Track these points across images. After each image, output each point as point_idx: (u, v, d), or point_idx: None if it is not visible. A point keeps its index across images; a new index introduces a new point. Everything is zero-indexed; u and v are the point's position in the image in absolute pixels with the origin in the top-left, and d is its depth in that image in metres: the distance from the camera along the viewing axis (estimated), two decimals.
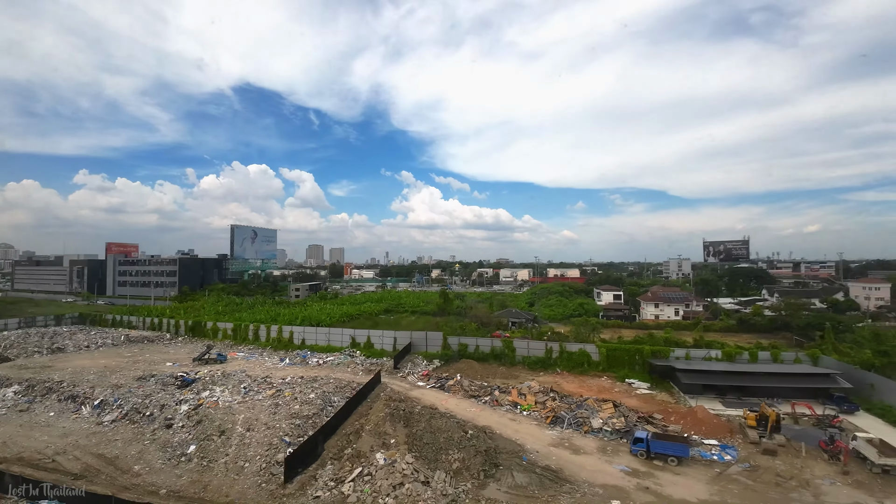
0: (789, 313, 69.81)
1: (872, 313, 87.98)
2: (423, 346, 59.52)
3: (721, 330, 78.01)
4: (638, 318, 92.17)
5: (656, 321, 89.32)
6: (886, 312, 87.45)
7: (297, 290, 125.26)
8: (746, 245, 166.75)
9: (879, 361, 48.94)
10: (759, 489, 26.13)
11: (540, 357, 54.66)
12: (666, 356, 51.41)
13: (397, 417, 33.15)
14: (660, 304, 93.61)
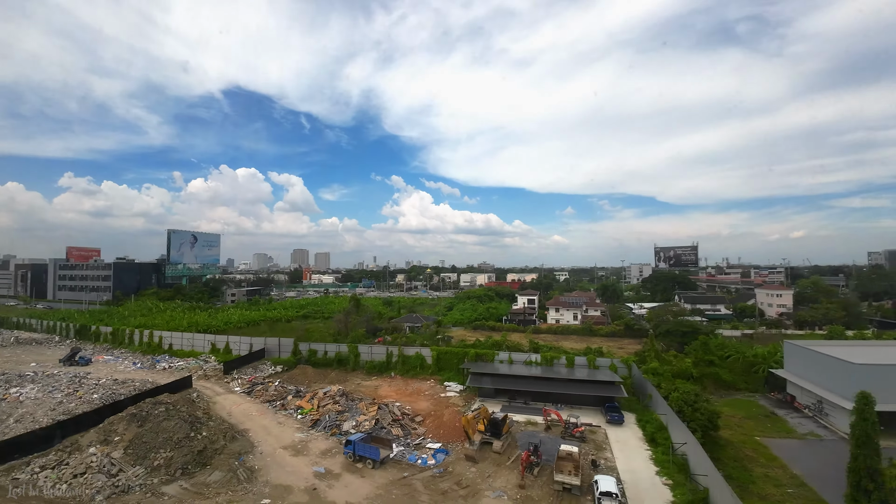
0: (652, 321, 70.78)
1: (771, 320, 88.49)
2: (277, 352, 60.92)
3: (607, 334, 79.03)
4: (537, 322, 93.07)
5: (556, 325, 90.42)
6: (785, 319, 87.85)
7: (233, 295, 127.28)
8: (695, 251, 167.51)
9: (697, 371, 49.90)
10: (420, 495, 26.79)
11: (381, 361, 55.92)
12: (491, 360, 52.51)
13: (137, 417, 34.57)
14: (560, 308, 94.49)
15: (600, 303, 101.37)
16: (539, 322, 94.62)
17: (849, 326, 77.41)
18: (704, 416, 32.41)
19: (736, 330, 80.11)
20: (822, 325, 79.88)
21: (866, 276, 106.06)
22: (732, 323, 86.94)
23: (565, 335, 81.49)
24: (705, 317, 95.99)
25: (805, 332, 79.13)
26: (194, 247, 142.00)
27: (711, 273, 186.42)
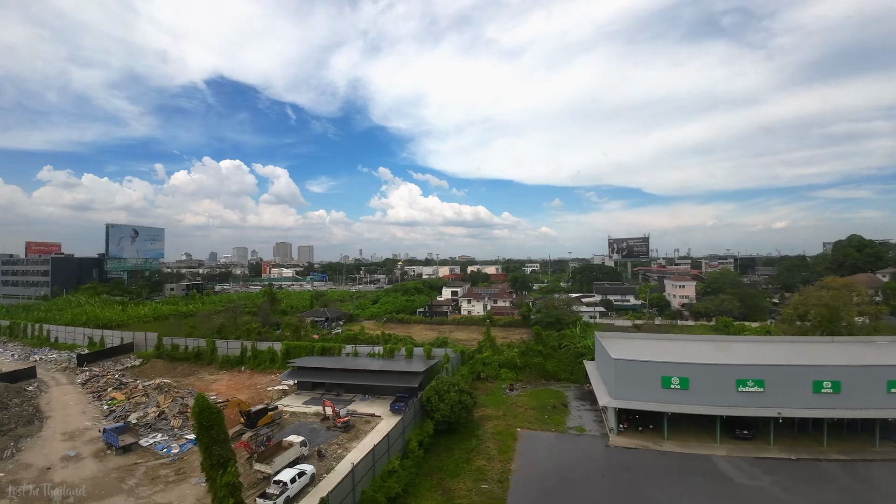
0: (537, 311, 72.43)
1: (674, 311, 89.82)
2: (144, 346, 62.75)
3: (504, 325, 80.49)
4: (449, 314, 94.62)
5: (465, 316, 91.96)
6: (684, 310, 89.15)
7: (171, 289, 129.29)
8: (646, 242, 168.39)
9: (522, 361, 51.52)
10: (131, 479, 28.51)
11: (236, 356, 57.66)
12: (337, 353, 54.19)
13: None
14: (472, 300, 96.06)
15: (510, 293, 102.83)
16: (453, 314, 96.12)
17: (746, 318, 79.00)
18: (447, 405, 33.93)
19: (628, 321, 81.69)
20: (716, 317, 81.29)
21: (789, 267, 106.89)
22: (630, 314, 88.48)
23: (465, 325, 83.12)
24: (614, 307, 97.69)
25: (695, 324, 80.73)
26: (135, 241, 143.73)
27: (662, 264, 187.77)
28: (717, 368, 32.95)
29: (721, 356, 37.04)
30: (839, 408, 30.88)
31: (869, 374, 30.96)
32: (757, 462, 29.68)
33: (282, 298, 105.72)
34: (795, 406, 31.37)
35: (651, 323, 79.37)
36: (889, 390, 30.27)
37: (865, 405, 30.55)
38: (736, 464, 29.47)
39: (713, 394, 32.59)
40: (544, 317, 68.00)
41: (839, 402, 30.92)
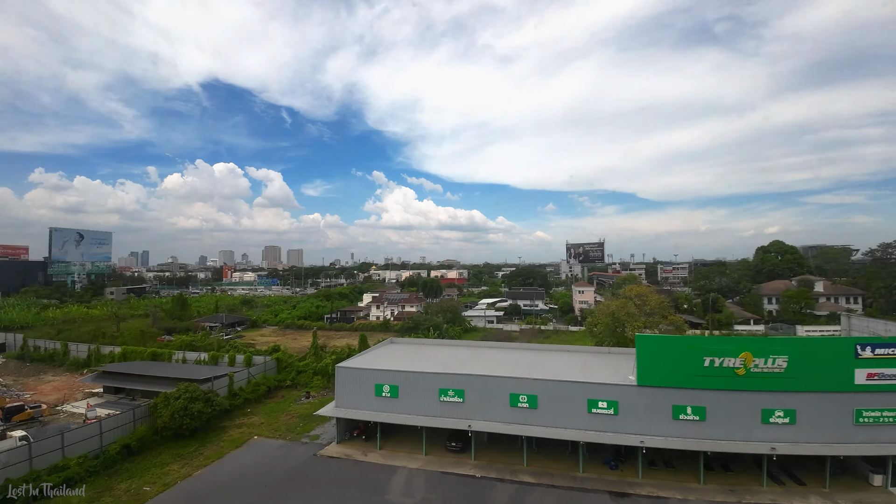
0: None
1: (574, 316, 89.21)
2: (14, 346, 65.15)
3: (399, 329, 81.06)
4: (354, 319, 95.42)
5: (372, 321, 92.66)
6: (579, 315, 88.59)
7: (111, 293, 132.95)
8: (602, 247, 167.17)
9: (333, 369, 52.00)
10: None
11: (84, 359, 59.50)
12: (167, 359, 55.63)
13: None
14: (380, 305, 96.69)
15: (422, 299, 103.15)
16: (362, 319, 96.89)
17: None
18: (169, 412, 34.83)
19: (516, 326, 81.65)
20: None
21: (703, 273, 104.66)
22: (530, 318, 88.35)
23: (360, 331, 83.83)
24: (522, 311, 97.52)
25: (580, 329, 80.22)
26: (80, 245, 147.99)
27: (617, 269, 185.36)
28: (422, 377, 33.01)
29: (463, 366, 36.52)
30: (536, 424, 30.27)
31: (568, 389, 30.06)
32: (441, 477, 29.52)
33: (192, 303, 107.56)
34: (493, 419, 31.20)
35: (535, 328, 79.15)
36: (590, 410, 29.38)
37: (564, 424, 29.75)
38: (418, 477, 29.45)
39: (419, 403, 32.71)
40: (405, 323, 68.30)
41: (536, 418, 30.46)
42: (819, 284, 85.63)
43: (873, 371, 25.87)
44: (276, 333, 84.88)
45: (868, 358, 25.90)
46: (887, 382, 25.88)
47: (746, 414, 27.23)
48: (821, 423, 26.55)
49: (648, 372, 28.59)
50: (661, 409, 28.32)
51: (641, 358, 28.75)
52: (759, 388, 27.05)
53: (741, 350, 27.30)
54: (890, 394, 25.97)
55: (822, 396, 26.50)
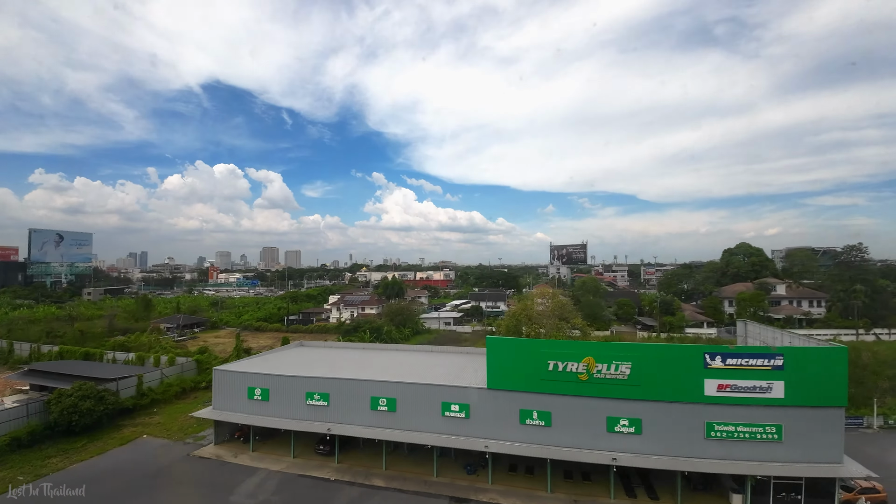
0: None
1: None
2: None
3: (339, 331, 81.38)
4: (314, 321, 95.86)
5: (332, 323, 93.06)
6: None
7: (89, 293, 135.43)
8: (584, 249, 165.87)
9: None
10: None
11: (26, 357, 60.75)
12: (99, 358, 56.68)
13: None
14: (341, 307, 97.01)
15: (381, 300, 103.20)
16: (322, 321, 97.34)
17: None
18: (59, 409, 35.53)
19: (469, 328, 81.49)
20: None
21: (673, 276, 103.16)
22: (488, 320, 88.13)
23: (314, 333, 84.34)
24: (484, 313, 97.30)
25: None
26: (60, 246, 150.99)
27: (599, 271, 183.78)
28: (290, 380, 33.02)
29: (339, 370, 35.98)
30: (395, 427, 30.11)
31: (424, 392, 29.88)
32: (296, 479, 29.47)
33: (157, 304, 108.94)
34: (355, 423, 31.16)
35: (486, 329, 78.94)
36: (443, 413, 29.16)
37: (420, 427, 29.59)
38: (273, 479, 29.49)
39: (288, 406, 32.74)
40: (345, 326, 68.43)
41: (395, 421, 30.29)
42: (781, 287, 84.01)
43: (725, 382, 24.93)
44: (231, 335, 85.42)
45: (717, 368, 24.94)
46: (740, 395, 24.52)
47: (592, 421, 26.72)
48: (669, 435, 25.59)
49: (498, 375, 28.34)
50: (509, 413, 28.03)
51: (491, 361, 28.50)
52: (603, 394, 26.54)
53: (584, 355, 26.88)
54: (745, 407, 24.51)
55: (670, 406, 25.59)
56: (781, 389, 24.21)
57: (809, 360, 24.26)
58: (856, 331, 68.97)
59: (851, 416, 37.85)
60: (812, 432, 24.02)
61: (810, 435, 24.03)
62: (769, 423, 24.35)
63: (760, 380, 24.46)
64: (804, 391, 23.99)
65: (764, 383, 24.42)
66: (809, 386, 23.97)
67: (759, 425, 24.46)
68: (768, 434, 24.33)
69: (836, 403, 23.90)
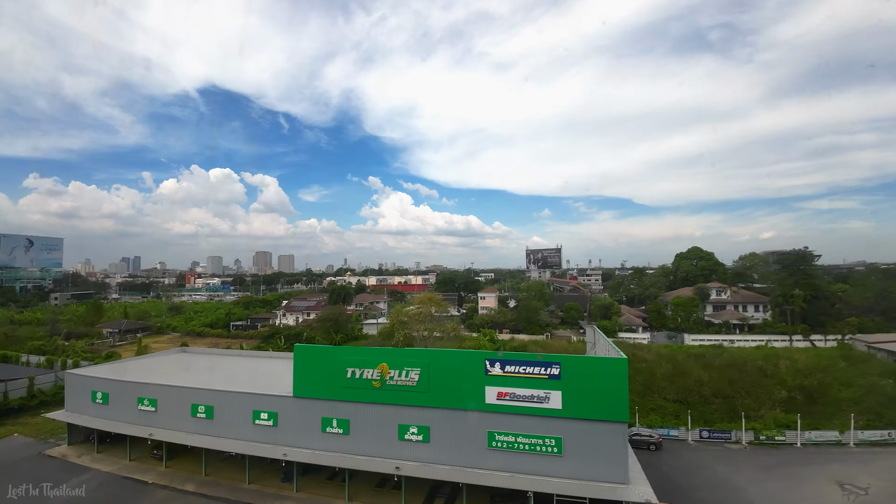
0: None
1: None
2: None
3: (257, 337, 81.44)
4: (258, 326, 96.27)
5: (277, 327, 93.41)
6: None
7: (56, 298, 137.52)
8: (559, 253, 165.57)
9: None
10: None
11: None
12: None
13: None
14: (287, 313, 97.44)
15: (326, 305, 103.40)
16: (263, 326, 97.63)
17: (524, 330, 78.33)
18: None
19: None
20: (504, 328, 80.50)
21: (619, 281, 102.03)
22: None
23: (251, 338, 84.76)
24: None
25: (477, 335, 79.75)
26: (30, 251, 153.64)
27: (573, 275, 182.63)
28: (125, 385, 33.53)
29: (189, 378, 36.24)
30: (213, 435, 30.28)
31: (237, 400, 30.00)
32: (117, 480, 29.99)
33: (109, 309, 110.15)
34: (178, 429, 31.31)
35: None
36: (254, 421, 29.24)
37: (234, 435, 29.75)
38: (96, 479, 29.97)
39: (123, 411, 33.14)
40: (263, 332, 68.65)
41: (213, 428, 30.46)
42: (726, 292, 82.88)
43: (504, 390, 24.68)
44: (172, 340, 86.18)
45: (497, 375, 24.72)
46: (520, 404, 24.17)
47: (384, 429, 26.62)
48: (455, 444, 25.38)
49: (302, 383, 28.38)
50: (312, 421, 28.02)
51: (297, 369, 28.54)
52: (395, 401, 26.46)
53: (379, 361, 26.85)
54: (525, 417, 24.15)
55: (455, 414, 25.41)
56: (559, 400, 23.82)
57: (588, 371, 23.81)
58: (789, 337, 67.77)
59: (719, 429, 37.04)
60: (594, 448, 23.36)
61: (593, 451, 23.37)
62: (549, 435, 23.94)
63: (538, 389, 24.18)
64: (583, 403, 23.42)
65: (541, 392, 24.13)
66: (589, 398, 23.37)
67: (538, 437, 24.11)
68: (548, 447, 23.93)
69: (617, 418, 23.08)
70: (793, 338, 67.95)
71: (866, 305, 73.48)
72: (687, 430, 36.89)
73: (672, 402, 42.42)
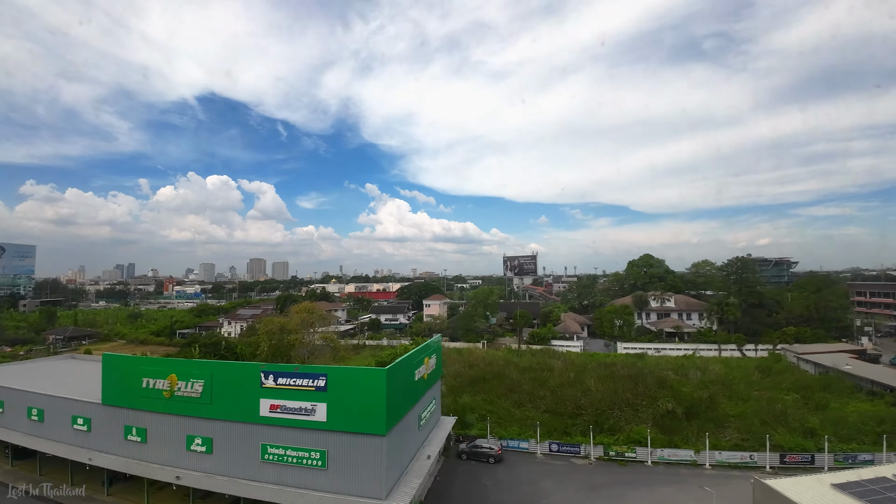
0: None
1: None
2: None
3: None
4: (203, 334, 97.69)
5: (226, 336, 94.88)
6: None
7: (24, 305, 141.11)
8: (534, 260, 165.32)
9: None
10: None
11: None
12: None
13: None
14: (233, 322, 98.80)
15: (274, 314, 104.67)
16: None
17: (459, 338, 78.82)
18: None
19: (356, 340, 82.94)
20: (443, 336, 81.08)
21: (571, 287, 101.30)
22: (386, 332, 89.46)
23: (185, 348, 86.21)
24: (381, 325, 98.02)
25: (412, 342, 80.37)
26: (2, 258, 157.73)
27: (549, 282, 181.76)
28: None
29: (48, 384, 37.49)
30: (41, 437, 31.77)
31: (58, 405, 31.39)
32: None
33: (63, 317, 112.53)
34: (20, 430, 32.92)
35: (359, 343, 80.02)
36: (72, 425, 30.50)
37: (58, 438, 31.17)
38: None
39: None
40: (183, 341, 69.90)
41: (44, 430, 31.89)
42: (658, 300, 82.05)
43: (276, 402, 25.20)
44: (117, 348, 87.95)
45: (270, 388, 25.29)
46: (290, 417, 24.69)
47: (175, 438, 27.45)
48: (234, 456, 26.04)
49: (110, 391, 29.42)
50: (117, 428, 29.14)
51: (106, 377, 29.56)
52: (183, 412, 27.25)
53: (169, 372, 27.64)
54: (295, 430, 24.64)
55: (234, 426, 26.06)
56: (324, 412, 24.28)
57: (351, 383, 24.25)
58: (718, 346, 67.04)
59: (569, 443, 36.62)
60: (356, 462, 23.86)
61: (354, 465, 23.89)
62: (314, 448, 24.45)
63: (306, 401, 24.69)
64: (346, 416, 23.87)
65: (309, 405, 24.62)
66: (351, 410, 23.82)
67: (305, 450, 24.60)
68: (313, 460, 24.41)
69: (374, 431, 23.45)
70: (723, 347, 67.21)
71: (807, 315, 72.40)
72: (537, 443, 36.67)
73: (543, 413, 42.26)
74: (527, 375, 53.29)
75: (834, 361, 56.61)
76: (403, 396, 26.48)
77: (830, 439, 35.57)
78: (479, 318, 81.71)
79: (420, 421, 30.08)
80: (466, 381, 52.62)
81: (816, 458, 33.75)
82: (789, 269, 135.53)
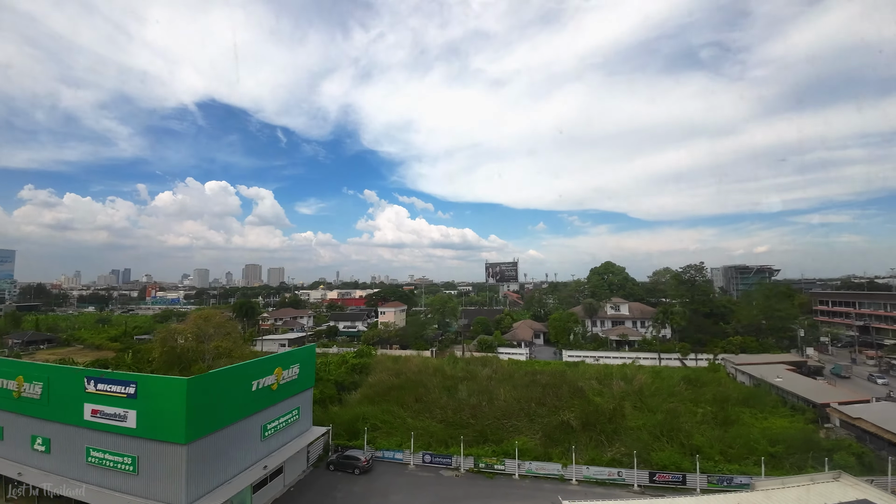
0: None
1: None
2: None
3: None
4: None
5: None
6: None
7: (0, 309, 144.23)
8: (515, 267, 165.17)
9: None
10: None
11: None
12: None
13: None
14: None
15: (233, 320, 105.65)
16: None
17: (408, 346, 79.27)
18: None
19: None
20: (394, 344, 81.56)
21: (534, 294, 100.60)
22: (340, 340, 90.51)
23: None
24: (339, 333, 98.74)
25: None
26: None
27: (529, 288, 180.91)
28: None
29: None
30: None
31: None
32: None
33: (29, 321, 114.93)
34: None
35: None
36: None
37: None
38: None
39: None
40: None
41: None
42: (625, 307, 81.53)
43: (97, 407, 26.08)
44: (71, 352, 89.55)
45: (93, 393, 26.30)
46: (107, 422, 25.67)
47: (22, 437, 28.88)
48: (67, 457, 27.26)
49: None
50: None
51: None
52: (28, 412, 28.64)
53: (17, 373, 28.77)
54: (114, 435, 25.53)
55: (66, 428, 27.30)
56: (134, 419, 25.07)
57: (158, 392, 25.01)
58: (658, 355, 66.41)
59: (440, 454, 36.61)
60: (161, 469, 24.68)
61: (160, 471, 24.71)
62: (127, 454, 25.33)
63: (120, 407, 25.49)
64: (153, 423, 24.79)
65: (122, 411, 25.43)
66: (157, 418, 24.71)
67: (120, 455, 25.53)
68: (126, 465, 25.30)
69: (175, 439, 24.13)
70: (665, 356, 66.59)
71: (756, 324, 71.52)
72: (411, 454, 36.73)
73: (438, 423, 42.29)
74: (442, 384, 53.40)
75: (767, 373, 55.90)
76: (229, 406, 26.97)
77: (714, 458, 35.16)
78: (430, 325, 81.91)
79: (265, 431, 30.47)
80: (382, 389, 52.92)
81: (689, 479, 33.18)
82: (771, 276, 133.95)
